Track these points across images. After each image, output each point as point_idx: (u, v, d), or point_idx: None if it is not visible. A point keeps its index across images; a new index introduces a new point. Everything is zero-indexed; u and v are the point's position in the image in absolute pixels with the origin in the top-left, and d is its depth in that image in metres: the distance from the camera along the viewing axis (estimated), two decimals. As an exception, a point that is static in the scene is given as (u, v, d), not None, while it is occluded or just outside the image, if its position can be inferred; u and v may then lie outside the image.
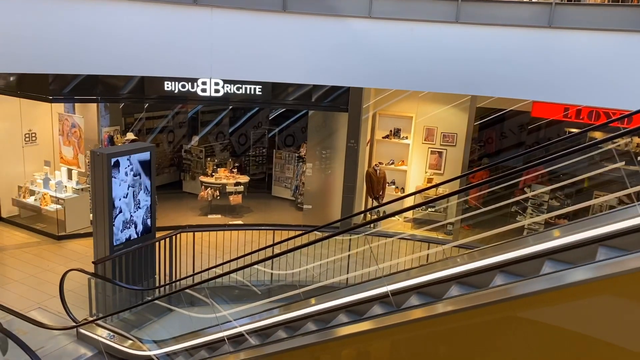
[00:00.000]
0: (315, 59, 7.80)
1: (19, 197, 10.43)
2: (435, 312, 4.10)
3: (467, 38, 7.74)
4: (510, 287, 3.71)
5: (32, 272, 8.57)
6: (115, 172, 6.99)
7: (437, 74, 7.77)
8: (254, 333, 6.44)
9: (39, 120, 10.73)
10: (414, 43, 7.70)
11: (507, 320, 3.73)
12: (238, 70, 7.79)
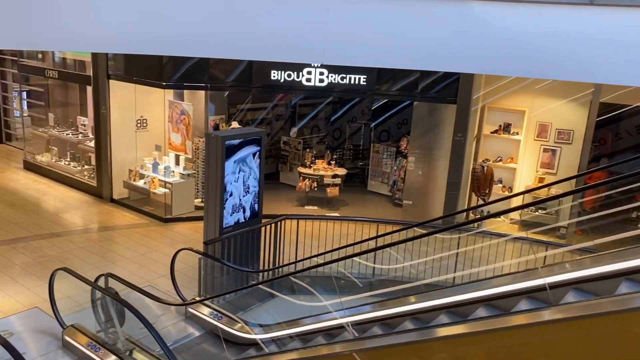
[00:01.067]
0: (432, 44, 7.44)
1: (129, 180, 10.90)
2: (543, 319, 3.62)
3: (601, 22, 7.06)
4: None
5: (142, 252, 8.87)
6: (228, 156, 7.05)
7: (565, 60, 7.16)
8: (356, 325, 6.31)
9: (150, 108, 11.16)
10: (540, 27, 7.13)
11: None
12: (350, 55, 7.58)
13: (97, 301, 6.16)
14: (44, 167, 12.56)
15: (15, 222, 9.68)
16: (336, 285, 8.04)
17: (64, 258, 8.33)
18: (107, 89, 10.61)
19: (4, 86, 15.15)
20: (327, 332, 6.60)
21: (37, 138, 13.34)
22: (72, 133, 12.31)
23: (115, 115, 10.79)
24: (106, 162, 11.00)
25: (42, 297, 7.16)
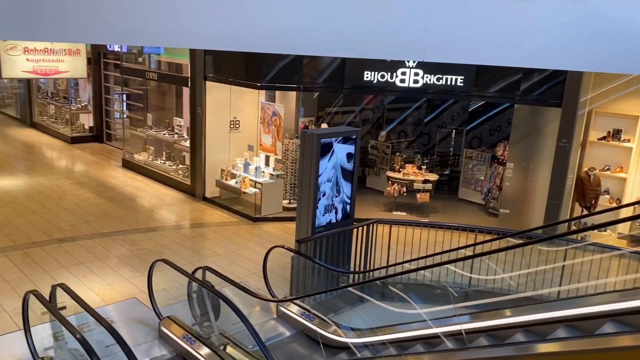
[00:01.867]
0: (541, 39, 6.94)
1: (221, 179, 11.11)
2: None
3: None
4: None
5: (232, 249, 8.95)
6: (323, 155, 6.93)
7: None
8: (450, 336, 6.00)
9: (243, 109, 11.34)
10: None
11: None
12: (453, 52, 7.23)
13: (193, 294, 6.22)
14: (141, 166, 13.13)
15: (115, 216, 10.11)
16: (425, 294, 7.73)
17: (159, 252, 8.56)
18: (204, 90, 10.90)
19: (107, 89, 16.07)
20: (422, 341, 6.31)
21: (135, 138, 13.99)
22: (168, 133, 12.78)
23: (210, 116, 11.06)
24: (200, 162, 11.29)
25: (139, 288, 7.37)
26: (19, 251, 8.26)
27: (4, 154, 14.43)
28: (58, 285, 5.45)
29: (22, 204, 10.39)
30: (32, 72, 9.31)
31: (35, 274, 7.53)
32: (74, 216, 9.94)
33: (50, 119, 17.64)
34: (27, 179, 12.14)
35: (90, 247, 8.62)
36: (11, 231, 9.02)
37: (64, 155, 14.80)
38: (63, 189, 11.56)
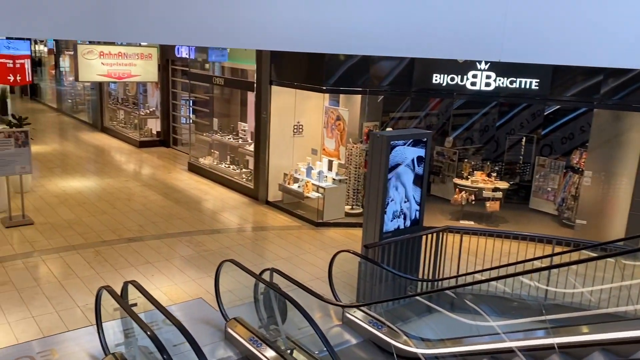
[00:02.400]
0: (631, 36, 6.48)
1: (284, 184, 11.08)
2: None
3: None
4: None
5: (295, 253, 8.86)
6: (392, 158, 6.72)
7: None
8: (524, 351, 5.69)
9: (307, 113, 11.29)
10: None
11: None
12: (532, 51, 6.87)
13: (260, 296, 6.14)
14: (205, 169, 13.33)
15: (181, 218, 10.27)
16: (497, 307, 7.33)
17: (224, 253, 8.57)
18: (269, 94, 10.94)
19: (174, 95, 16.49)
20: (494, 355, 6.00)
21: (201, 142, 14.24)
22: (233, 138, 12.92)
23: (274, 120, 11.08)
24: (263, 166, 11.32)
25: (205, 288, 7.39)
26: (90, 249, 8.49)
27: (77, 157, 15.05)
28: (130, 282, 5.50)
29: (93, 204, 10.74)
30: (107, 75, 9.63)
31: (106, 272, 7.70)
32: (142, 217, 10.16)
33: (120, 124, 18.31)
34: (97, 180, 12.57)
35: (157, 247, 8.75)
36: (83, 230, 9.31)
37: (132, 158, 15.27)
38: (131, 190, 11.88)
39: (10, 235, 8.87)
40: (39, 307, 6.58)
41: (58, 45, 23.19)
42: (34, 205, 10.37)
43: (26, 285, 7.15)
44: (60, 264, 7.87)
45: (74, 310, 6.57)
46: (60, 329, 6.15)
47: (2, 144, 8.95)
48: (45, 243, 8.62)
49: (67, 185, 12.01)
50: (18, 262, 7.85)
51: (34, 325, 6.17)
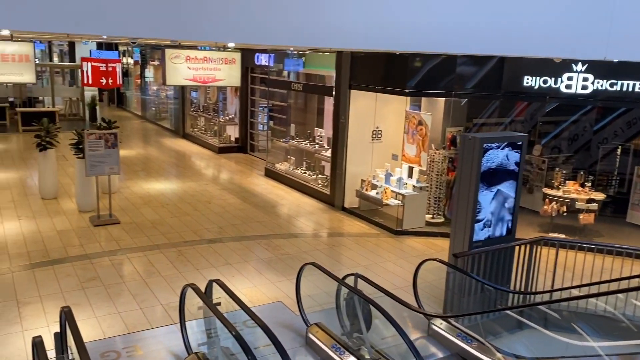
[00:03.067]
0: None
1: (362, 190, 10.85)
2: None
3: None
4: None
5: (374, 261, 8.59)
6: (485, 162, 6.32)
7: None
8: None
9: (386, 118, 11.03)
10: None
11: None
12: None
13: (343, 302, 5.92)
14: (281, 175, 13.36)
15: (259, 221, 10.27)
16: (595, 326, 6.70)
17: (302, 258, 8.45)
18: (348, 98, 10.79)
19: (252, 102, 16.73)
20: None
21: (277, 148, 14.31)
22: (309, 143, 12.86)
23: (352, 125, 10.90)
24: (340, 171, 11.15)
25: (284, 292, 7.27)
26: (173, 249, 8.63)
27: (160, 161, 15.56)
28: (214, 281, 5.44)
29: (175, 206, 10.97)
30: (192, 79, 9.84)
31: (188, 271, 7.76)
32: (222, 219, 10.26)
33: (200, 131, 18.82)
34: (179, 183, 12.88)
35: (236, 248, 8.76)
36: (166, 230, 9.49)
37: (211, 163, 15.60)
38: (211, 193, 12.07)
39: (98, 233, 9.19)
40: (124, 304, 6.70)
41: (144, 57, 24.33)
42: (120, 206, 10.73)
43: (113, 281, 7.32)
44: (145, 262, 8.03)
45: (157, 308, 6.63)
46: (144, 325, 6.21)
47: (93, 145, 9.32)
48: (130, 242, 8.86)
49: (150, 187, 12.38)
50: (105, 259, 8.09)
51: (120, 321, 6.27)
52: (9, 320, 6.15)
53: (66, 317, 4.43)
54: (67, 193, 11.46)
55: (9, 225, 9.27)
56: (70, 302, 6.52)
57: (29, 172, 13.16)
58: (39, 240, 8.68)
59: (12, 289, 6.93)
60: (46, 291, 6.91)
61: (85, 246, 8.56)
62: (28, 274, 7.43)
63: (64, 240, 8.75)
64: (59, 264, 7.80)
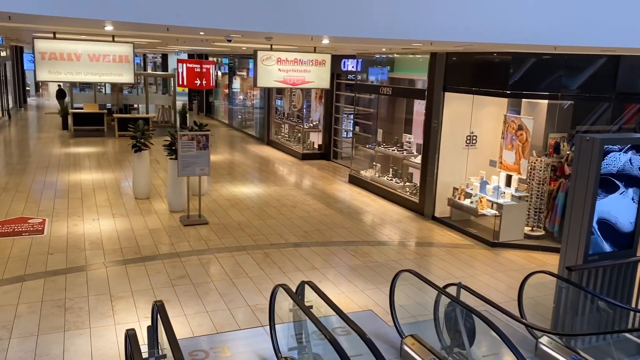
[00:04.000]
0: None
1: (454, 198, 10.27)
2: None
3: None
4: None
5: (469, 273, 8.01)
6: (605, 167, 5.65)
7: None
8: None
9: (481, 122, 10.42)
10: None
11: None
12: None
13: (441, 314, 5.47)
14: (366, 182, 13.02)
15: (344, 227, 9.97)
16: None
17: (391, 266, 8.04)
18: (442, 101, 10.29)
19: (337, 108, 16.57)
20: None
21: (361, 155, 13.99)
22: (397, 150, 12.44)
23: (445, 130, 10.38)
24: (431, 179, 10.64)
25: (374, 300, 6.90)
26: (259, 251, 8.51)
27: (245, 166, 15.73)
28: (306, 283, 5.18)
29: (260, 209, 10.92)
30: (282, 81, 9.76)
31: (274, 274, 7.58)
32: (307, 223, 10.06)
33: (284, 137, 18.92)
34: (264, 187, 12.88)
35: (323, 253, 8.50)
36: (252, 232, 9.42)
37: (295, 169, 15.55)
38: (295, 198, 11.94)
39: (188, 233, 9.26)
40: (213, 303, 6.60)
41: (232, 69, 25.11)
42: (208, 207, 10.83)
43: (201, 280, 7.27)
44: (232, 262, 7.95)
45: (244, 309, 6.47)
46: (232, 326, 6.06)
47: (185, 146, 9.45)
48: (218, 242, 8.84)
49: (237, 190, 12.46)
50: (194, 257, 8.09)
51: (208, 320, 6.16)
52: (103, 313, 6.21)
53: (158, 311, 4.32)
54: (158, 194, 11.76)
55: (104, 223, 9.57)
56: (161, 298, 6.49)
57: (124, 173, 13.69)
58: (131, 238, 8.86)
59: (105, 283, 7.05)
60: (138, 287, 6.97)
61: (175, 245, 8.64)
62: (121, 269, 7.55)
63: (155, 238, 8.88)
64: (150, 261, 7.89)
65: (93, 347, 5.48)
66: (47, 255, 7.90)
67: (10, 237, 8.57)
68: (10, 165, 14.40)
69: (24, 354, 5.29)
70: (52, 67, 8.40)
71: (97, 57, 8.63)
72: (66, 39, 8.52)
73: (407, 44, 8.04)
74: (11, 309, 6.20)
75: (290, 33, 5.43)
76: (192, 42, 11.41)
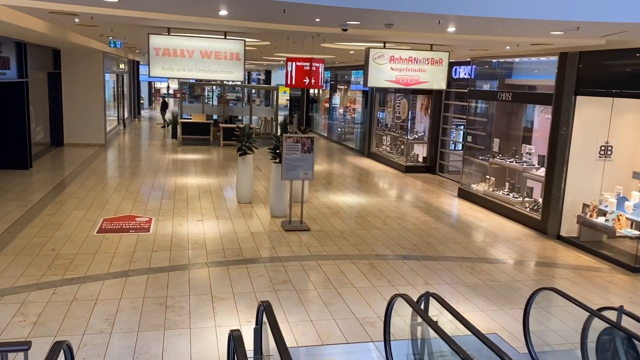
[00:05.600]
0: None
1: (584, 216, 9.05)
2: None
3: None
4: None
5: (611, 300, 6.84)
6: None
7: None
8: None
9: (619, 130, 9.16)
10: None
11: None
12: None
13: (590, 342, 4.53)
14: (478, 196, 12.02)
15: (457, 242, 9.11)
16: None
17: (514, 286, 7.10)
18: (572, 106, 9.17)
19: (445, 118, 15.68)
20: None
21: (472, 168, 13.00)
22: (516, 161, 11.34)
23: (576, 139, 9.23)
24: (557, 193, 9.49)
25: (499, 323, 6.03)
26: (364, 261, 7.90)
27: (346, 176, 15.27)
28: (431, 295, 4.48)
29: (364, 219, 10.34)
30: (395, 81, 9.18)
31: (382, 286, 6.93)
32: (415, 236, 9.31)
33: (386, 150, 18.28)
34: (366, 197, 12.30)
35: (435, 268, 7.72)
36: (356, 241, 8.84)
37: (398, 181, 14.84)
38: (401, 210, 11.24)
39: (289, 238, 8.87)
40: (316, 312, 6.06)
41: (334, 84, 25.07)
42: (309, 214, 10.42)
43: (304, 287, 6.79)
44: (336, 271, 7.40)
45: (351, 321, 5.87)
46: (338, 339, 5.47)
47: (290, 149, 9.12)
48: (320, 249, 8.35)
49: (337, 199, 11.99)
50: (296, 263, 7.65)
51: (312, 330, 5.62)
52: (203, 314, 5.89)
53: (265, 312, 3.83)
54: (260, 199, 11.56)
55: (208, 224, 9.44)
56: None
57: (228, 179, 13.73)
58: (234, 240, 8.62)
59: (207, 283, 6.77)
60: (239, 289, 6.61)
61: (277, 249, 8.26)
62: (222, 269, 7.26)
63: (257, 242, 8.57)
64: (252, 264, 7.54)
65: (193, 349, 5.13)
66: (151, 252, 7.82)
67: (118, 234, 8.63)
68: (122, 168, 14.99)
69: (123, 350, 5.04)
70: (165, 64, 8.45)
71: (209, 54, 8.56)
72: (179, 35, 8.54)
73: (542, 33, 7.13)
74: (114, 303, 6.05)
75: (414, 12, 4.82)
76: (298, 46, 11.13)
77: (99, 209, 10.05)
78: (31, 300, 6.01)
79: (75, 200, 10.72)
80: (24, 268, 6.95)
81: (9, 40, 12.27)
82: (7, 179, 12.33)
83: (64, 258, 7.40)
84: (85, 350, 4.99)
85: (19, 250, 7.60)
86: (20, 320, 5.53)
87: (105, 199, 10.87)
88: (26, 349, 3.07)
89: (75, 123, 18.12)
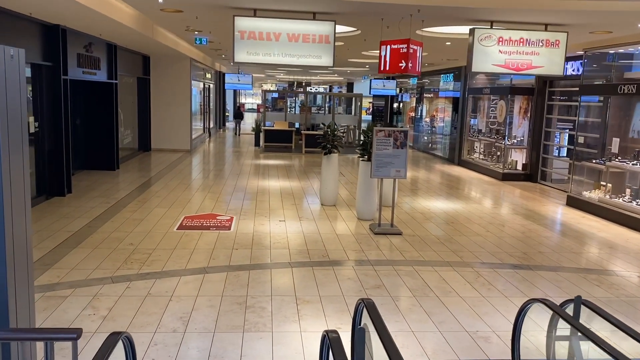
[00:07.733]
0: None
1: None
2: None
3: None
4: None
5: None
6: None
7: None
8: None
9: None
10: None
11: None
12: None
13: None
14: (592, 204, 10.55)
15: (574, 252, 7.85)
16: None
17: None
18: None
19: (548, 121, 14.23)
20: None
21: (582, 173, 11.51)
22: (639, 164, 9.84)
23: None
24: (699, 197, 7.98)
25: None
26: (468, 268, 6.87)
27: (436, 182, 14.21)
28: (582, 301, 3.48)
29: (462, 225, 9.27)
30: (504, 65, 8.12)
31: (493, 297, 5.88)
32: (524, 244, 8.14)
33: (479, 157, 16.98)
34: (462, 204, 11.19)
35: (553, 279, 6.55)
36: (456, 248, 7.82)
37: (495, 189, 13.55)
38: (503, 217, 10.04)
39: (379, 241, 8.01)
40: (418, 322, 5.15)
41: (421, 94, 24.06)
42: (400, 218, 9.51)
43: (400, 293, 5.89)
44: (436, 278, 6.44)
45: (461, 335, 4.90)
46: (448, 354, 4.53)
47: (381, 144, 8.30)
48: (415, 254, 7.42)
49: (430, 204, 10.98)
50: (389, 268, 6.76)
51: (415, 342, 4.71)
52: (287, 317, 5.15)
53: (368, 310, 3.02)
54: (345, 203, 10.80)
55: (291, 225, 8.79)
56: (353, 307, 5.25)
57: (310, 182, 13.13)
58: (318, 241, 7.88)
59: (291, 284, 6.05)
60: (326, 292, 5.83)
61: (366, 252, 7.42)
62: (307, 270, 6.52)
63: (343, 244, 7.78)
64: (339, 266, 6.75)
65: (275, 355, 4.39)
66: (231, 250, 7.24)
67: (198, 231, 8.17)
68: (206, 171, 14.81)
69: (197, 353, 4.39)
70: (250, 48, 7.92)
71: (297, 37, 7.96)
72: (266, 17, 8.00)
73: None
74: (190, 301, 5.46)
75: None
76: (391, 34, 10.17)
77: (180, 207, 9.71)
78: (103, 293, 5.56)
79: (157, 198, 10.48)
80: (100, 261, 6.58)
81: (100, 41, 12.43)
82: (93, 179, 12.41)
83: (141, 253, 6.98)
84: (155, 350, 4.39)
85: (97, 244, 7.28)
86: (90, 313, 5.06)
87: (187, 198, 10.55)
88: (74, 337, 2.44)
89: (163, 129, 18.34)
